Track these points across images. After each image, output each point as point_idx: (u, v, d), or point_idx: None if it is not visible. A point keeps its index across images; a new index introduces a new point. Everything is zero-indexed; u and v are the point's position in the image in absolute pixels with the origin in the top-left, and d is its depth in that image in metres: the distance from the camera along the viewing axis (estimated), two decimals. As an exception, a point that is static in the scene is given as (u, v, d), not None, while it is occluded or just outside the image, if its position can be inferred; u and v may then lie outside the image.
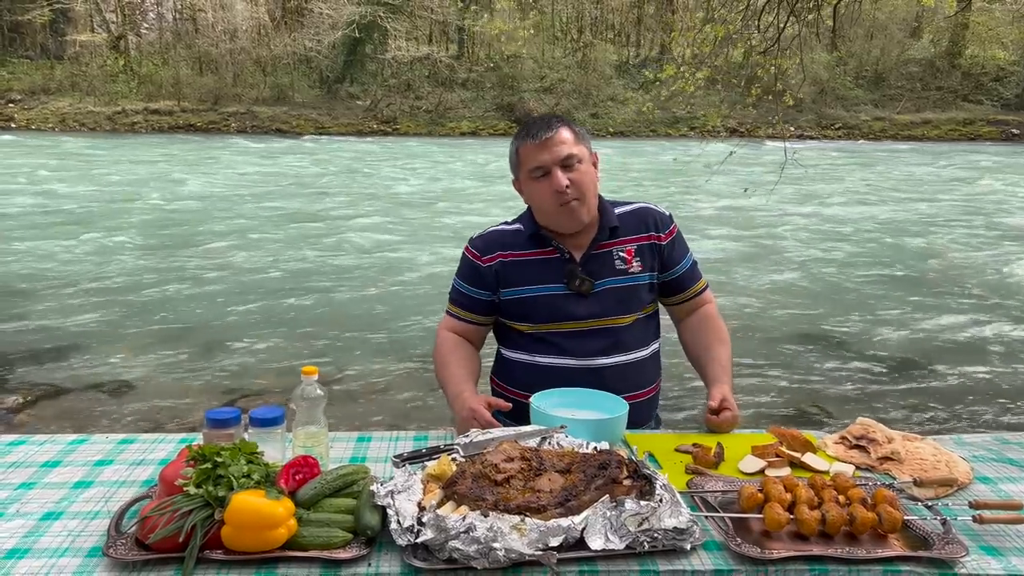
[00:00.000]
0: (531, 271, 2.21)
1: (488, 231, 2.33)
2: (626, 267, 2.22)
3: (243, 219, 12.37)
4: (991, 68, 37.33)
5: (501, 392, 2.32)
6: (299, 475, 1.50)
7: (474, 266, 2.26)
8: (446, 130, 33.29)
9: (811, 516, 1.46)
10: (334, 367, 5.91)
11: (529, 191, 2.20)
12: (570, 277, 2.18)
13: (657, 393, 2.36)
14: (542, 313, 2.21)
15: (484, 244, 2.28)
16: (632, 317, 2.24)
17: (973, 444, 2.00)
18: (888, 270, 9.64)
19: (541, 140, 2.10)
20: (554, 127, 2.12)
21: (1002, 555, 1.43)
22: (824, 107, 35.71)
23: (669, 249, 2.27)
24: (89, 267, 9.01)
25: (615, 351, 2.21)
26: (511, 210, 2.45)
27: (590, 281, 2.18)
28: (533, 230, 2.23)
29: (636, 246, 2.24)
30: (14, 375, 5.65)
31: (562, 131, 2.12)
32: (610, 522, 1.39)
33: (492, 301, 2.26)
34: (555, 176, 2.10)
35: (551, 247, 2.22)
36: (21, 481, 1.68)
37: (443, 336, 2.31)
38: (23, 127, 30.63)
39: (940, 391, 5.72)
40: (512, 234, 2.27)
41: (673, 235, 2.29)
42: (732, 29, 8.13)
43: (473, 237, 2.33)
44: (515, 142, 2.19)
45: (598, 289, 2.19)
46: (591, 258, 2.21)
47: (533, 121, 2.19)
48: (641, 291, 2.25)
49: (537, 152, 2.11)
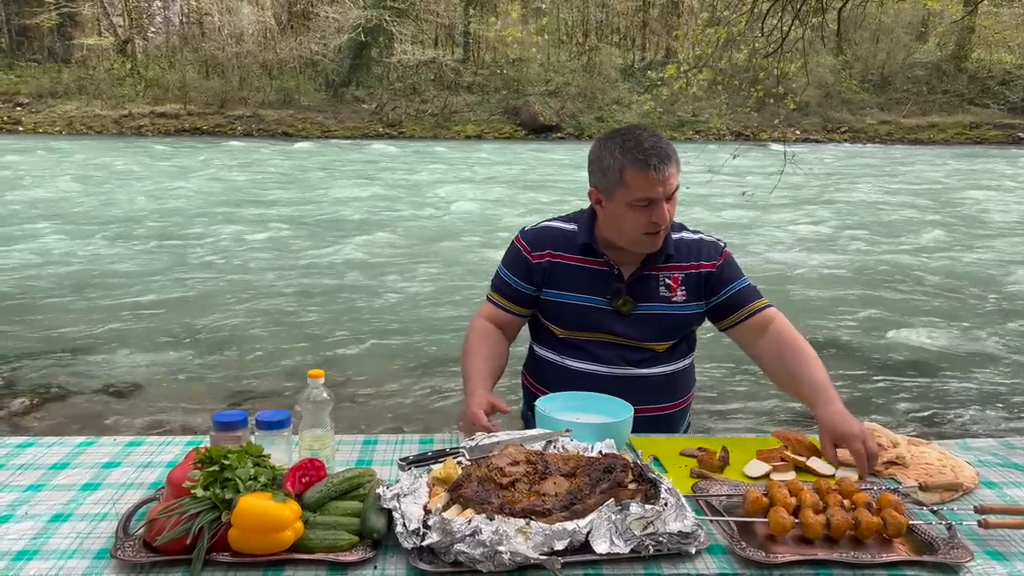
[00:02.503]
0: (577, 278, 2.18)
1: (541, 225, 2.28)
2: (670, 295, 2.18)
3: (249, 221, 12.39)
4: (997, 72, 37.21)
5: (530, 388, 2.33)
6: (305, 478, 1.50)
7: (523, 258, 2.22)
8: (451, 133, 33.31)
9: (816, 520, 1.46)
10: (340, 370, 5.92)
11: (620, 214, 2.07)
12: (615, 295, 2.15)
13: (690, 403, 2.34)
14: (578, 321, 2.18)
15: (536, 238, 2.23)
16: (667, 344, 2.21)
17: (979, 449, 2.00)
18: (894, 274, 9.61)
19: (662, 177, 1.99)
20: (672, 159, 2.01)
21: (1008, 560, 1.43)
22: (829, 110, 35.63)
23: (718, 275, 2.21)
24: (96, 269, 9.04)
25: (648, 364, 2.19)
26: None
27: (632, 302, 2.15)
28: (588, 240, 2.18)
29: (684, 275, 2.19)
30: (21, 378, 5.67)
31: (675, 161, 2.03)
32: (615, 526, 1.39)
33: (534, 296, 2.23)
34: (659, 211, 2.02)
35: (602, 259, 2.18)
36: (30, 483, 1.69)
37: (477, 325, 2.28)
38: (30, 130, 30.74)
39: (946, 396, 5.70)
40: (566, 235, 2.22)
41: (723, 261, 2.23)
42: (737, 31, 8.14)
43: (525, 229, 2.29)
44: (621, 159, 2.02)
45: (638, 312, 2.16)
46: (639, 279, 2.17)
47: (647, 145, 2.01)
48: (681, 321, 2.20)
49: (650, 185, 2.00)
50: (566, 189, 16.69)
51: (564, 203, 14.53)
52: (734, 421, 5.20)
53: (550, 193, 16.44)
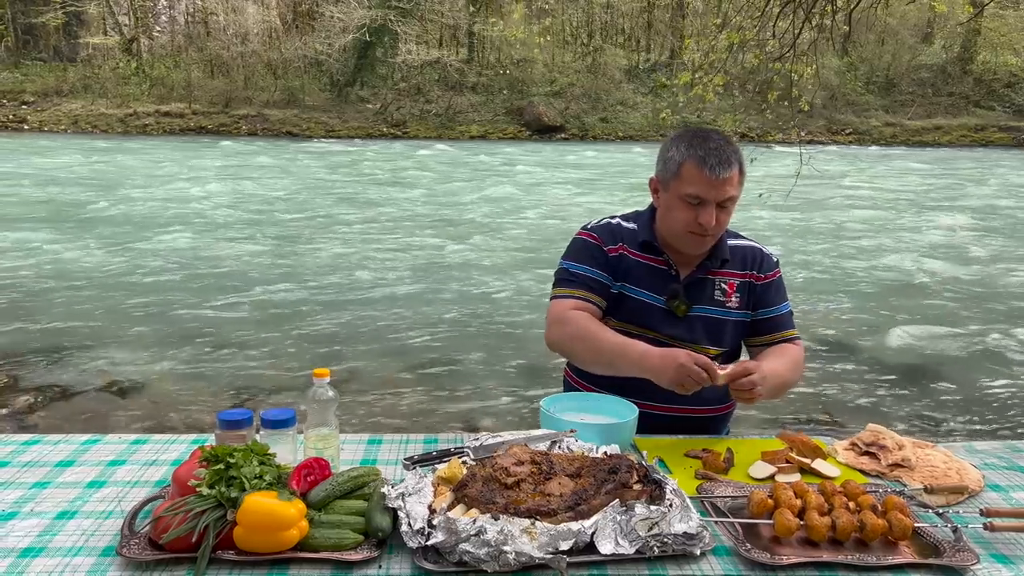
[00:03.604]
0: (640, 274, 2.19)
1: (604, 222, 2.28)
2: (724, 299, 2.19)
3: (254, 221, 12.41)
4: (1003, 74, 37.16)
5: (574, 384, 2.32)
6: (311, 477, 1.50)
7: (599, 250, 2.20)
8: (455, 133, 33.34)
9: (821, 522, 1.46)
10: (346, 369, 5.93)
11: (670, 206, 2.10)
12: (672, 295, 2.16)
13: (734, 407, 2.33)
14: (637, 317, 2.18)
15: (608, 232, 2.23)
16: (719, 351, 2.20)
17: (984, 452, 2.00)
18: (900, 276, 9.60)
19: (718, 179, 2.00)
20: (733, 166, 2.02)
21: (1013, 563, 1.43)
22: (835, 112, 35.61)
23: (763, 290, 2.23)
24: (101, 268, 9.06)
25: None
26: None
27: (688, 304, 2.16)
28: (648, 237, 2.19)
29: (739, 282, 2.21)
30: (27, 376, 5.69)
31: (735, 171, 2.03)
32: (620, 526, 1.39)
33: (610, 288, 2.19)
34: (708, 213, 2.03)
35: (662, 258, 2.19)
36: (35, 480, 1.69)
37: (572, 314, 2.13)
38: (36, 129, 30.85)
39: (952, 399, 5.69)
40: (628, 232, 2.23)
41: (772, 279, 2.25)
42: (749, 36, 8.13)
43: (590, 224, 2.28)
44: (684, 151, 2.05)
45: (692, 314, 2.16)
46: (695, 281, 2.18)
47: (712, 146, 2.03)
48: (733, 327, 2.21)
49: (704, 185, 2.01)
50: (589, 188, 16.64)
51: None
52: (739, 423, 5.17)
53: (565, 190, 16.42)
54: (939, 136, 34.72)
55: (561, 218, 12.80)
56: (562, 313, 2.14)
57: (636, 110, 35.71)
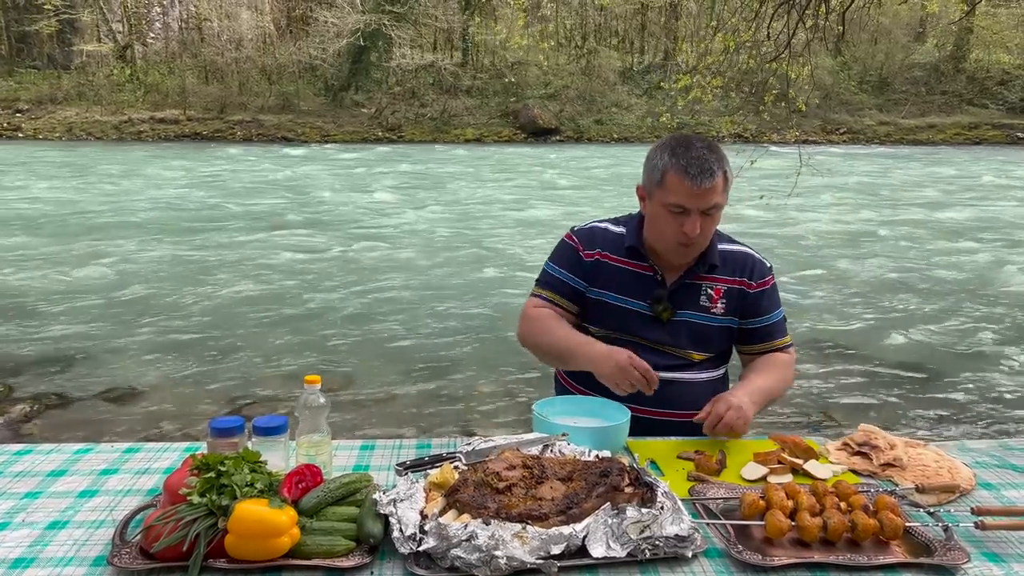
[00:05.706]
0: (622, 280, 2.20)
1: (591, 225, 2.30)
2: (710, 305, 2.20)
3: (246, 227, 12.40)
4: (996, 72, 37.26)
5: (566, 386, 2.34)
6: (302, 484, 1.51)
7: (575, 254, 2.24)
8: (451, 137, 33.34)
9: (813, 523, 1.46)
10: (337, 376, 5.93)
11: (656, 214, 2.12)
12: (656, 300, 2.17)
13: None
14: (618, 323, 2.20)
15: (588, 237, 2.26)
16: (703, 356, 2.22)
17: (976, 450, 2.00)
18: (892, 275, 9.61)
19: (700, 188, 2.00)
20: (716, 174, 2.02)
21: (1004, 561, 1.44)
22: (829, 112, 35.65)
23: (756, 298, 2.23)
24: (94, 276, 9.04)
25: (681, 369, 2.20)
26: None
27: (672, 310, 2.17)
28: (634, 243, 2.21)
29: (726, 287, 2.21)
30: (21, 384, 5.67)
31: (719, 179, 2.03)
32: (612, 530, 1.40)
33: (583, 293, 2.23)
34: (692, 223, 2.04)
35: (647, 264, 2.20)
36: (27, 490, 1.69)
37: (536, 311, 2.25)
38: (30, 136, 30.78)
39: (943, 398, 5.70)
40: (614, 237, 2.25)
41: (765, 287, 2.25)
42: (745, 38, 8.15)
43: (576, 227, 2.31)
44: (667, 160, 2.05)
45: (676, 319, 2.18)
46: (681, 287, 2.19)
47: (694, 155, 2.02)
48: (719, 333, 2.22)
49: (687, 195, 2.02)
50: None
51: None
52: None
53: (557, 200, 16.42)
54: (933, 135, 34.79)
55: (554, 221, 12.81)
56: (527, 310, 2.28)
57: (631, 112, 35.73)
